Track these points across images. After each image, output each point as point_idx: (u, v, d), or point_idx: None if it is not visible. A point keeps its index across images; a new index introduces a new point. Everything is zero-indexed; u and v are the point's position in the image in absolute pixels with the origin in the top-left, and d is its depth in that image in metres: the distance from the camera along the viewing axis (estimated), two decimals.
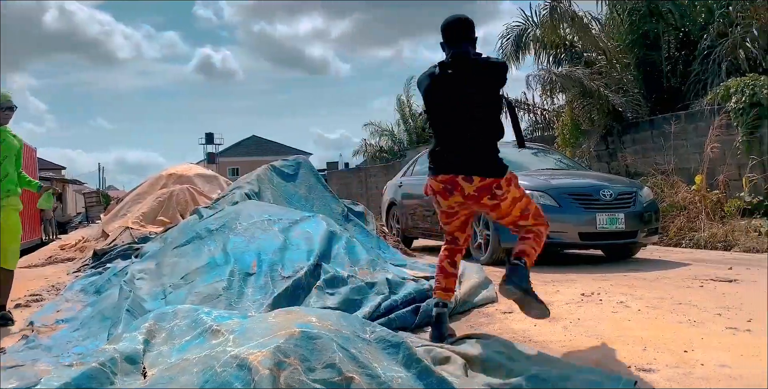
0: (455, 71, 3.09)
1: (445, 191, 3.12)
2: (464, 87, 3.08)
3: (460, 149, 3.10)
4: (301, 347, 2.02)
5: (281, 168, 6.44)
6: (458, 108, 3.10)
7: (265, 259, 4.04)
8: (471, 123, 3.10)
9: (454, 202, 3.14)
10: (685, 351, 2.92)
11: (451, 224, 3.28)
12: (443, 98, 3.13)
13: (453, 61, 3.10)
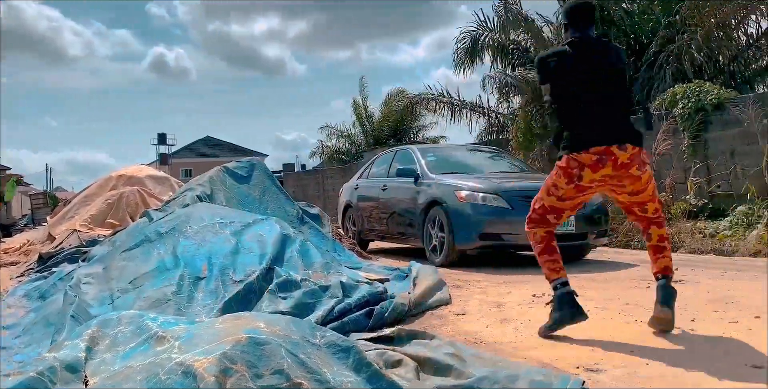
0: (596, 50, 3.31)
1: (597, 162, 3.18)
2: (601, 65, 3.28)
3: (608, 121, 3.23)
4: (248, 353, 1.99)
5: (234, 169, 6.35)
6: (599, 83, 3.26)
7: (216, 263, 3.97)
8: (612, 97, 3.28)
9: (600, 176, 3.21)
10: (631, 351, 2.98)
11: (574, 200, 3.38)
12: (582, 74, 3.27)
13: (586, 42, 3.31)
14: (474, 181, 6.79)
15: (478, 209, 6.39)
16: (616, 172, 3.20)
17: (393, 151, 8.94)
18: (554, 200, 3.38)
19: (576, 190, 3.31)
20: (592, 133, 3.21)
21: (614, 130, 3.22)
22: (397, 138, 21.94)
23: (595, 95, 3.26)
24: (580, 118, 3.27)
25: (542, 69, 3.38)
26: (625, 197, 3.37)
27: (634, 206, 3.40)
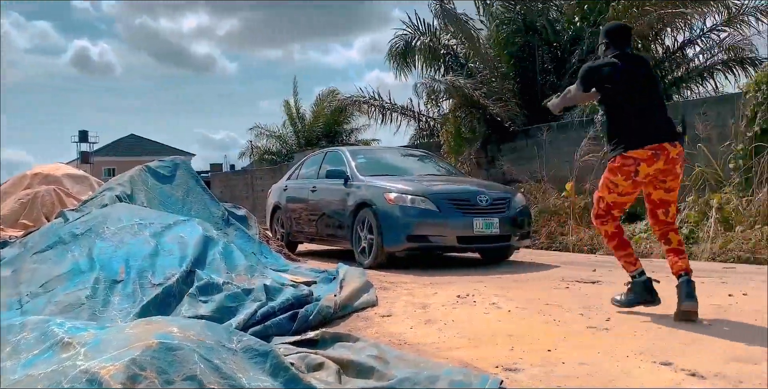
0: (636, 63, 3.83)
1: (652, 157, 3.61)
2: (643, 74, 3.80)
3: (658, 121, 3.70)
4: (158, 359, 1.91)
5: (157, 169, 6.13)
6: (644, 90, 3.76)
7: (134, 266, 3.83)
8: (657, 101, 3.80)
9: (654, 169, 3.64)
10: (549, 351, 3.07)
11: (632, 195, 3.85)
12: (630, 82, 3.74)
13: (631, 56, 3.86)
14: (403, 183, 6.83)
15: (406, 211, 6.43)
16: (666, 166, 3.65)
17: (323, 152, 8.89)
18: (615, 196, 3.82)
19: (633, 186, 3.75)
20: (646, 132, 3.66)
21: (664, 129, 3.69)
22: (329, 139, 21.88)
23: (642, 100, 3.74)
24: (634, 120, 3.70)
25: (591, 77, 3.84)
26: (660, 194, 3.77)
27: (662, 207, 3.81)
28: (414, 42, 13.92)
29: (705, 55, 12.22)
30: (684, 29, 11.99)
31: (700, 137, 8.11)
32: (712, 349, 3.00)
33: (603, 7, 11.46)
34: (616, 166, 3.71)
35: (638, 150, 3.61)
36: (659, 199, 3.76)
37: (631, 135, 3.66)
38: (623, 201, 3.85)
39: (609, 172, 3.78)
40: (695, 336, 3.28)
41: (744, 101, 7.66)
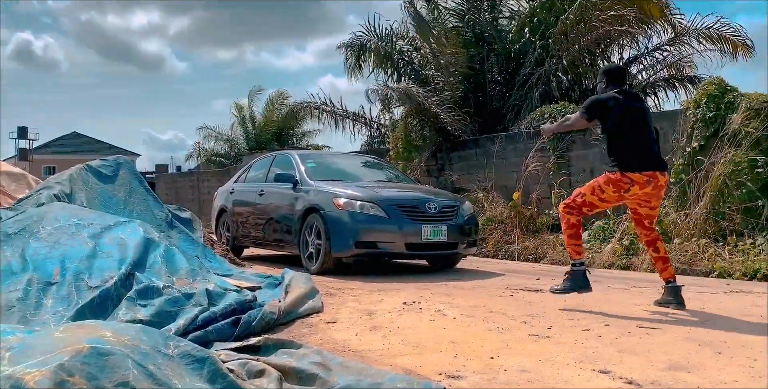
0: (634, 98, 4.45)
1: (646, 183, 4.19)
2: (641, 109, 4.39)
3: (653, 151, 4.30)
4: (89, 364, 1.83)
5: (98, 168, 5.92)
6: (641, 122, 4.31)
7: (69, 267, 3.68)
8: (651, 133, 4.33)
9: (642, 192, 4.23)
10: (491, 358, 3.09)
11: (608, 205, 4.49)
12: (630, 115, 4.29)
13: (629, 93, 4.47)
14: (353, 188, 6.81)
15: (355, 217, 6.41)
16: (653, 191, 4.25)
17: (272, 155, 8.79)
18: (595, 199, 4.33)
19: (617, 199, 4.34)
20: (644, 160, 4.23)
21: (658, 159, 4.30)
22: (280, 143, 21.68)
23: (639, 130, 4.30)
24: (634, 147, 4.25)
25: (596, 109, 4.36)
26: (645, 210, 4.38)
27: (647, 219, 4.42)
28: (368, 45, 13.95)
29: (648, 72, 12.65)
30: (630, 46, 12.39)
31: None
32: (650, 358, 3.07)
33: (552, 21, 11.74)
34: (613, 179, 4.24)
35: (636, 174, 4.19)
36: (645, 214, 4.39)
37: (632, 160, 4.22)
38: (598, 205, 4.39)
39: (604, 179, 4.30)
40: (634, 344, 3.36)
41: (684, 118, 7.95)
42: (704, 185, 7.33)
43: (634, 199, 4.30)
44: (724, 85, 7.81)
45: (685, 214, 7.44)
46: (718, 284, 5.85)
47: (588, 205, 4.38)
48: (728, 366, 2.93)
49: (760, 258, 6.41)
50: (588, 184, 4.41)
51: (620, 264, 7.33)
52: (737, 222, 7.00)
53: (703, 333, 3.61)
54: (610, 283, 5.88)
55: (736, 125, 7.25)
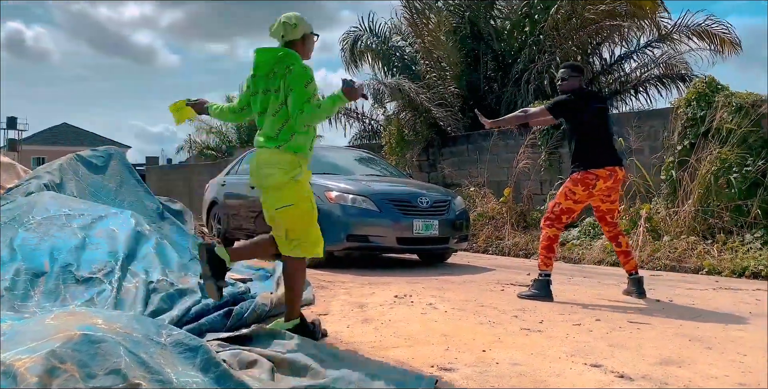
0: (596, 99, 4.85)
1: (608, 177, 4.49)
2: (603, 108, 4.72)
3: (612, 148, 4.64)
4: (80, 351, 1.81)
5: (89, 158, 5.86)
6: (602, 121, 4.64)
7: (58, 258, 3.64)
8: (609, 131, 4.68)
9: (605, 186, 4.51)
10: (483, 351, 3.09)
11: (582, 205, 4.65)
12: (595, 115, 4.60)
13: (590, 92, 4.71)
14: (345, 182, 6.79)
15: (347, 210, 6.40)
16: (613, 185, 4.55)
17: None
18: (571, 203, 4.59)
19: (587, 196, 4.56)
20: (605, 156, 4.53)
21: (616, 155, 4.61)
22: None
23: (600, 129, 4.59)
24: (596, 145, 4.55)
25: (564, 108, 4.62)
26: (607, 205, 4.67)
27: (609, 214, 4.71)
28: (363, 41, 13.93)
29: (641, 69, 12.68)
30: (621, 44, 12.42)
31: (632, 149, 8.40)
32: (641, 352, 3.09)
33: (546, 18, 11.74)
34: (579, 178, 4.52)
35: (599, 169, 4.48)
36: (607, 209, 4.68)
37: (594, 157, 4.52)
38: (575, 208, 4.62)
39: (571, 182, 4.57)
40: (625, 339, 3.38)
41: (675, 116, 7.98)
42: (693, 183, 7.37)
43: (599, 195, 4.57)
44: (714, 83, 7.85)
45: (675, 212, 7.48)
46: (707, 281, 5.90)
47: (566, 212, 4.62)
48: (718, 360, 2.95)
49: (748, 255, 6.45)
50: (559, 193, 4.66)
51: (610, 261, 7.36)
52: (726, 220, 7.05)
53: (693, 329, 3.63)
54: (601, 279, 5.90)
55: (725, 123, 7.29)
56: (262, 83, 3.23)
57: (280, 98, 3.17)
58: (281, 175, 3.15)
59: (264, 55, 3.26)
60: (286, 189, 3.17)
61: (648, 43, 12.30)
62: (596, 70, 12.67)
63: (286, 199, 3.17)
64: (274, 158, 3.17)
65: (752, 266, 6.21)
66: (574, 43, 11.15)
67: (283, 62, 3.16)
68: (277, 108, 3.18)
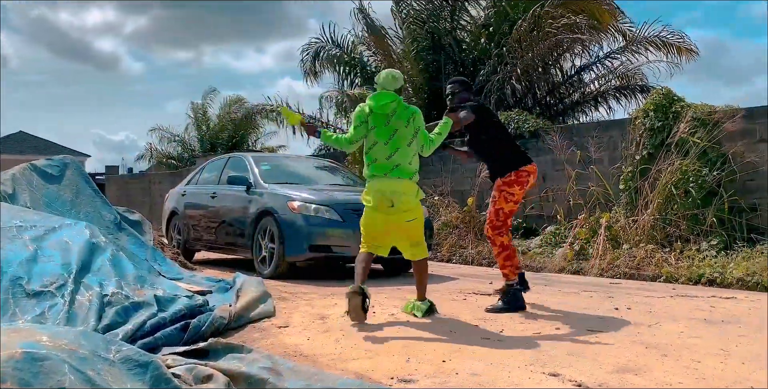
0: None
1: (534, 172, 4.66)
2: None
3: (521, 149, 4.88)
4: (22, 370, 1.74)
5: (44, 167, 5.72)
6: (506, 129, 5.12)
7: (8, 272, 3.52)
8: None
9: (532, 180, 4.65)
10: (443, 361, 3.09)
11: (519, 204, 4.74)
12: (499, 121, 4.93)
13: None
14: (307, 192, 6.75)
15: (310, 220, 6.35)
16: (533, 181, 4.73)
17: (226, 157, 8.65)
18: (512, 205, 4.61)
19: (522, 193, 4.66)
20: (525, 154, 4.77)
21: (526, 154, 4.82)
22: (234, 145, 21.39)
23: (509, 134, 4.98)
24: (514, 146, 4.81)
25: (485, 112, 4.69)
26: (510, 206, 4.66)
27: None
28: (324, 52, 13.91)
29: (600, 81, 12.95)
30: (582, 54, 12.67)
31: (592, 159, 8.56)
32: (598, 360, 3.12)
33: (507, 29, 11.90)
34: (512, 179, 4.55)
35: (527, 166, 4.60)
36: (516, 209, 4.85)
37: (519, 157, 4.66)
38: (515, 208, 4.69)
39: (505, 185, 4.57)
40: (583, 347, 3.41)
41: (633, 126, 8.16)
42: (652, 192, 7.53)
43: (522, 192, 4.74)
44: (671, 95, 8.06)
45: (634, 221, 7.62)
46: (665, 288, 6.01)
47: (509, 215, 4.64)
48: (674, 367, 3.00)
49: (704, 263, 6.60)
50: (494, 201, 4.60)
51: (571, 269, 7.46)
52: (683, 228, 7.21)
53: (650, 337, 3.69)
54: (561, 287, 5.97)
55: (682, 134, 7.47)
56: (383, 119, 4.15)
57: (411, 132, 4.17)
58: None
59: (385, 99, 4.15)
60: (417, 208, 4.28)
61: (608, 53, 12.57)
62: (557, 81, 12.89)
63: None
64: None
65: (708, 273, 6.36)
66: (535, 54, 11.32)
67: (401, 105, 4.17)
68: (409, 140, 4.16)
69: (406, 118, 4.14)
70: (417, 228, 4.27)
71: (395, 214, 4.15)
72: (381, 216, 4.17)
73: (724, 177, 7.22)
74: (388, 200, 4.12)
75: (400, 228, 4.20)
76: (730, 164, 7.27)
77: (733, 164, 7.24)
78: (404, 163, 4.12)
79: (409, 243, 4.28)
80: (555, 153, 9.02)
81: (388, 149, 4.11)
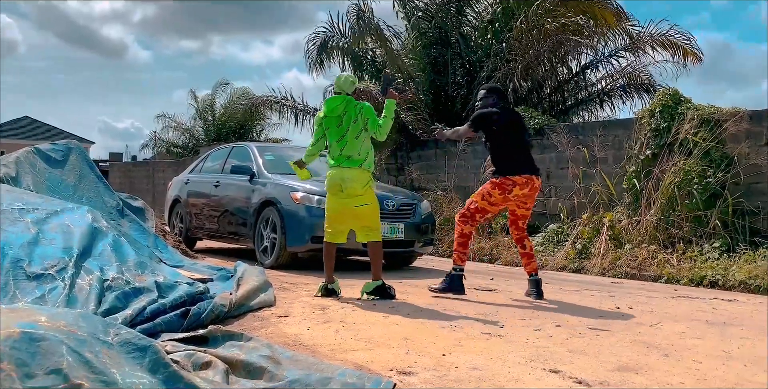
0: (513, 114, 5.12)
1: (525, 184, 4.78)
2: (520, 123, 5.06)
3: (528, 158, 4.93)
4: (19, 350, 1.72)
5: (47, 152, 5.71)
6: (521, 135, 5.00)
7: (9, 253, 3.50)
8: (526, 144, 5.04)
9: (522, 193, 4.80)
10: (443, 355, 3.07)
11: (498, 207, 4.98)
12: (510, 127, 4.92)
13: (509, 109, 5.13)
14: (311, 183, 6.72)
15: (312, 211, 6.33)
16: (530, 193, 4.85)
17: (229, 146, 8.63)
18: (486, 204, 4.87)
19: (503, 200, 4.85)
20: (522, 165, 4.84)
21: (533, 165, 4.91)
22: (239, 135, 21.37)
23: (517, 141, 4.92)
24: (513, 154, 4.87)
25: (481, 121, 4.91)
26: (522, 211, 4.99)
27: (521, 220, 5.04)
28: (331, 43, 13.80)
29: (606, 80, 12.86)
30: (587, 53, 12.57)
31: (597, 158, 8.52)
32: (599, 358, 3.10)
33: (511, 26, 11.81)
34: (498, 182, 4.82)
35: (516, 176, 4.78)
36: (521, 214, 5.01)
37: (512, 165, 4.82)
38: (489, 210, 4.93)
39: (490, 184, 4.87)
40: (584, 345, 3.39)
41: (638, 126, 8.11)
42: (655, 193, 7.49)
43: (516, 200, 4.87)
44: (678, 95, 8.00)
45: (637, 221, 7.59)
46: (666, 289, 5.99)
47: (480, 211, 4.91)
48: (675, 367, 2.98)
49: (706, 265, 6.58)
50: (477, 192, 4.95)
51: (572, 268, 7.44)
52: (686, 230, 7.17)
53: (651, 336, 3.67)
54: (562, 285, 5.95)
55: (687, 135, 7.43)
56: (335, 121, 4.76)
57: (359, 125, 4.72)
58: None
59: (334, 102, 4.78)
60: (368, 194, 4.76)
61: (613, 52, 12.45)
62: (562, 78, 12.81)
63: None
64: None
65: (710, 275, 6.33)
66: (536, 52, 11.23)
67: (350, 103, 4.78)
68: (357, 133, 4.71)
69: (355, 114, 4.72)
70: (369, 214, 4.77)
71: (346, 198, 4.70)
72: (335, 199, 4.75)
73: (729, 179, 7.18)
74: (338, 186, 4.68)
75: (352, 213, 4.74)
76: (734, 166, 7.23)
77: (738, 166, 7.20)
78: (354, 154, 4.68)
79: (360, 226, 4.81)
80: (560, 150, 8.99)
81: (340, 145, 4.71)
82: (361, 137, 4.71)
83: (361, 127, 4.71)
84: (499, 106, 4.99)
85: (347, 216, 4.76)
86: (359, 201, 4.70)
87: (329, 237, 4.86)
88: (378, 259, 4.85)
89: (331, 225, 4.84)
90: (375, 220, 4.82)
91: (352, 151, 4.69)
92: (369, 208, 4.75)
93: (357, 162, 4.68)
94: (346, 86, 4.83)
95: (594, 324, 3.94)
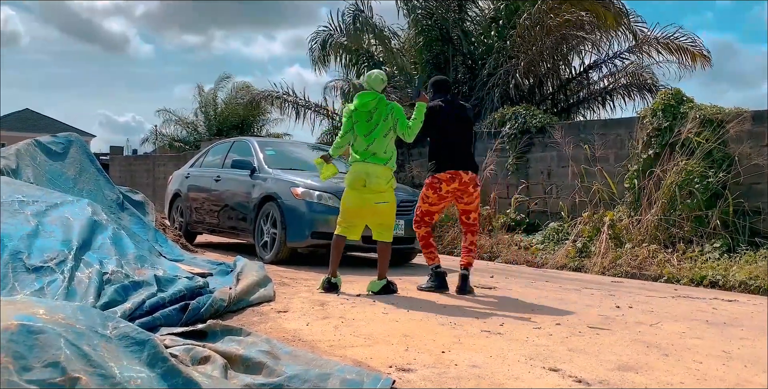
0: (452, 107, 5.05)
1: (450, 179, 4.87)
2: (458, 117, 5.04)
3: (459, 154, 4.95)
4: (17, 343, 1.71)
5: (48, 144, 5.69)
6: (458, 129, 5.01)
7: (8, 245, 3.49)
8: (464, 139, 5.07)
9: (451, 188, 4.88)
10: (442, 352, 3.06)
11: (439, 205, 5.05)
12: (448, 123, 4.96)
13: (449, 102, 5.07)
14: (311, 178, 6.71)
15: (312, 207, 6.32)
16: (460, 187, 4.90)
17: (230, 141, 8.61)
18: (427, 206, 5.02)
19: (438, 199, 4.97)
20: (448, 161, 4.89)
21: (462, 160, 4.92)
22: (241, 130, 21.34)
23: (452, 136, 4.95)
24: (443, 150, 4.94)
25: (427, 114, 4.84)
26: (462, 206, 5.05)
27: (464, 214, 5.09)
28: (332, 40, 13.79)
29: (609, 79, 12.81)
30: (591, 52, 12.53)
31: (597, 156, 8.50)
32: (599, 357, 3.09)
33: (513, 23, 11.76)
34: (428, 182, 4.98)
35: (441, 173, 4.88)
36: (462, 210, 5.09)
37: (439, 161, 4.92)
38: (432, 210, 5.06)
39: (424, 187, 5.02)
40: (584, 344, 3.38)
41: (641, 126, 8.09)
42: (656, 192, 7.47)
43: (451, 196, 4.96)
44: (680, 95, 7.98)
45: (637, 220, 7.58)
46: (666, 289, 5.98)
47: (426, 214, 5.05)
48: (675, 367, 2.97)
49: (706, 265, 6.56)
50: (419, 197, 5.11)
51: (572, 266, 7.43)
52: (687, 229, 7.16)
53: (651, 336, 3.66)
54: (562, 284, 5.94)
55: (689, 135, 7.41)
56: (365, 116, 4.76)
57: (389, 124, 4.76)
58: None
59: (367, 97, 4.79)
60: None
61: (618, 53, 12.41)
62: (565, 77, 12.77)
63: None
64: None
65: (710, 275, 6.32)
66: (539, 49, 11.19)
67: (381, 102, 4.79)
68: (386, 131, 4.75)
69: (386, 112, 4.75)
70: (387, 212, 4.80)
71: (368, 194, 4.71)
72: (355, 194, 4.74)
73: (730, 179, 7.16)
74: (361, 180, 4.69)
75: (372, 209, 4.75)
76: (735, 166, 7.21)
77: (739, 166, 7.18)
78: (380, 152, 4.71)
79: (378, 224, 4.82)
80: (561, 149, 8.97)
81: (368, 140, 4.72)
82: (389, 136, 4.75)
83: (390, 127, 4.75)
84: (442, 99, 5.02)
85: (366, 212, 4.76)
86: (381, 198, 4.72)
87: (342, 230, 4.85)
88: (386, 259, 4.87)
89: (346, 220, 4.83)
90: (391, 219, 4.84)
91: (378, 148, 4.70)
92: (388, 206, 4.78)
93: (383, 160, 4.71)
94: (376, 84, 4.84)
95: (594, 323, 3.94)
